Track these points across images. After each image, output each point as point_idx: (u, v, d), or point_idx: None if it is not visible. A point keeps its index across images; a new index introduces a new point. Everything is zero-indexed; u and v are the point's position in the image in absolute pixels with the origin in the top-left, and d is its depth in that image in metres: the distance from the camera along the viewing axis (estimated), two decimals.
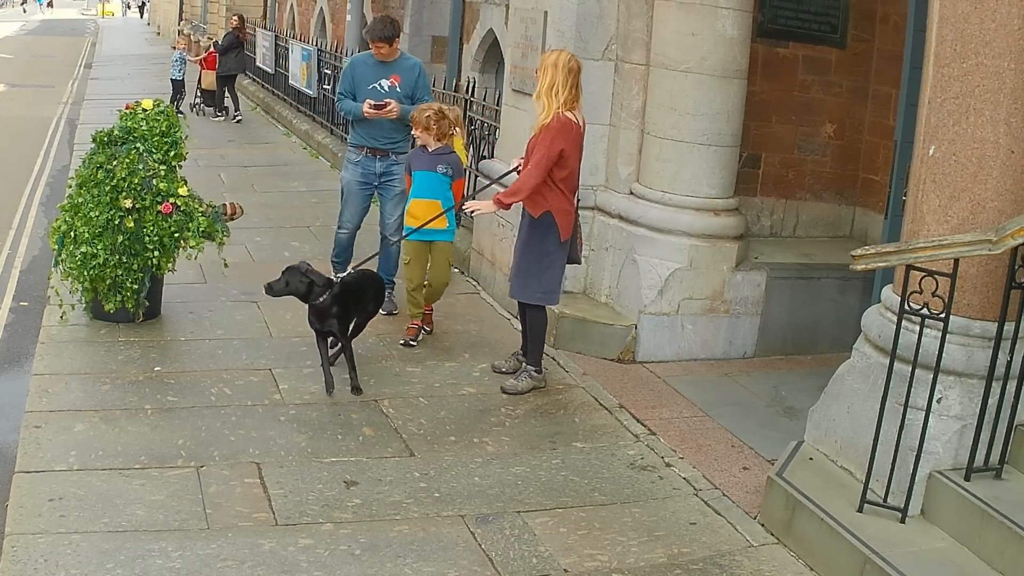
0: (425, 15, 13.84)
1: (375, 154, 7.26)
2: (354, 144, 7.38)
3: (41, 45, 37.29)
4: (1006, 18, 4.17)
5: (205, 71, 17.88)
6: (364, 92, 7.19)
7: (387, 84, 7.21)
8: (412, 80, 7.29)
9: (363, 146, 7.28)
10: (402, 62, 7.34)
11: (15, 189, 12.21)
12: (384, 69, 7.25)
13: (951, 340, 4.27)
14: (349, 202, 7.40)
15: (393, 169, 7.26)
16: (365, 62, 7.38)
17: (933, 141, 4.41)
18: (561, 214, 5.93)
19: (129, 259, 6.64)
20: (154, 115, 6.94)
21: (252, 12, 22.05)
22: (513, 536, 4.58)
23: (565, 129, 5.84)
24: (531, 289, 6.05)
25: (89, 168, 6.72)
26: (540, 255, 5.99)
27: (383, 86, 7.21)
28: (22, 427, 5.31)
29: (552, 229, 5.94)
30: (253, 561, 4.21)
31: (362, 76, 7.28)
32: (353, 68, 7.41)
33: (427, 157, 6.73)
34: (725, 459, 5.50)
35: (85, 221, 6.59)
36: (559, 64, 5.88)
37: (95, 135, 6.89)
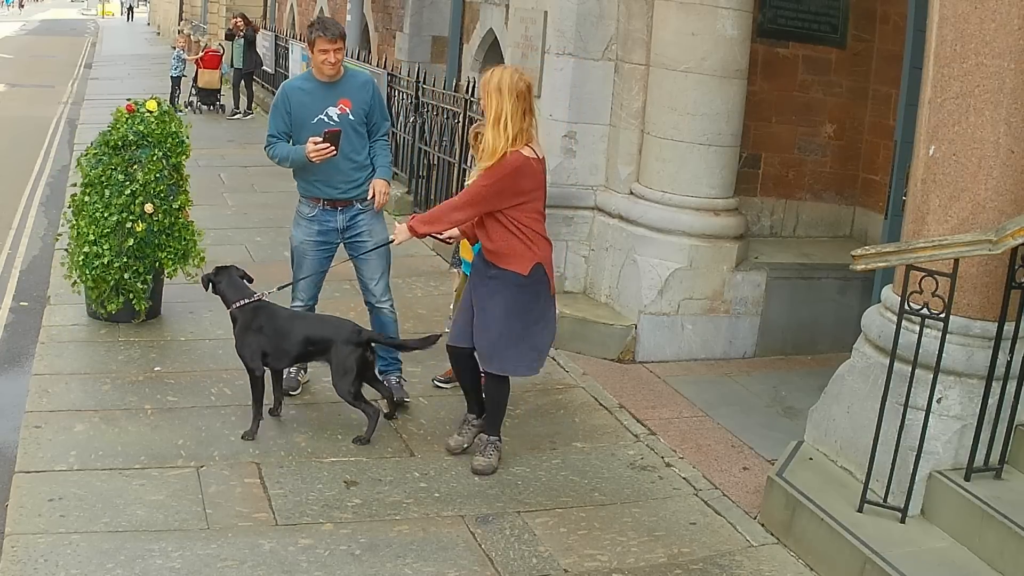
0: (425, 15, 13.84)
1: (335, 205, 5.67)
2: (306, 196, 5.75)
3: (41, 45, 37.31)
4: (1006, 18, 4.17)
5: (203, 70, 17.95)
6: (308, 129, 5.54)
7: (336, 112, 5.59)
8: (366, 101, 5.67)
9: (317, 198, 5.68)
10: (350, 80, 5.67)
11: (15, 189, 12.21)
12: (329, 93, 5.59)
13: (951, 340, 4.27)
14: (303, 267, 5.76)
15: (360, 220, 5.71)
16: (302, 88, 5.67)
17: (933, 141, 4.41)
18: (550, 265, 5.06)
19: (136, 262, 6.68)
20: (162, 116, 6.95)
21: (252, 12, 22.04)
22: (513, 536, 4.58)
23: (522, 171, 4.84)
24: (526, 359, 5.05)
25: (98, 169, 6.71)
26: (536, 317, 5.02)
27: (331, 116, 5.58)
28: (22, 427, 5.31)
29: (544, 284, 5.01)
30: (253, 561, 4.21)
31: (301, 108, 5.59)
32: (287, 100, 5.63)
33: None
34: (725, 459, 5.50)
35: (91, 221, 6.60)
36: (504, 88, 4.84)
37: (104, 137, 6.85)
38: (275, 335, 5.32)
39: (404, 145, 11.22)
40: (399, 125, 11.31)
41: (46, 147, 15.40)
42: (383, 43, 15.45)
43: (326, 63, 5.50)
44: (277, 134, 5.67)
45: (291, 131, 5.64)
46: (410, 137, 10.96)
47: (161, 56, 27.03)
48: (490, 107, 4.85)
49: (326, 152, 5.43)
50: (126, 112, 6.89)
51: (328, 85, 5.59)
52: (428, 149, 10.52)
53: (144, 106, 6.96)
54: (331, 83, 5.59)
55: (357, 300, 6.25)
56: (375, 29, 15.94)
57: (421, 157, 10.67)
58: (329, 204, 5.67)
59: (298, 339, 5.34)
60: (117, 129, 6.79)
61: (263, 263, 8.50)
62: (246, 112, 17.73)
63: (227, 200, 11.06)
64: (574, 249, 7.38)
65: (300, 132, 5.59)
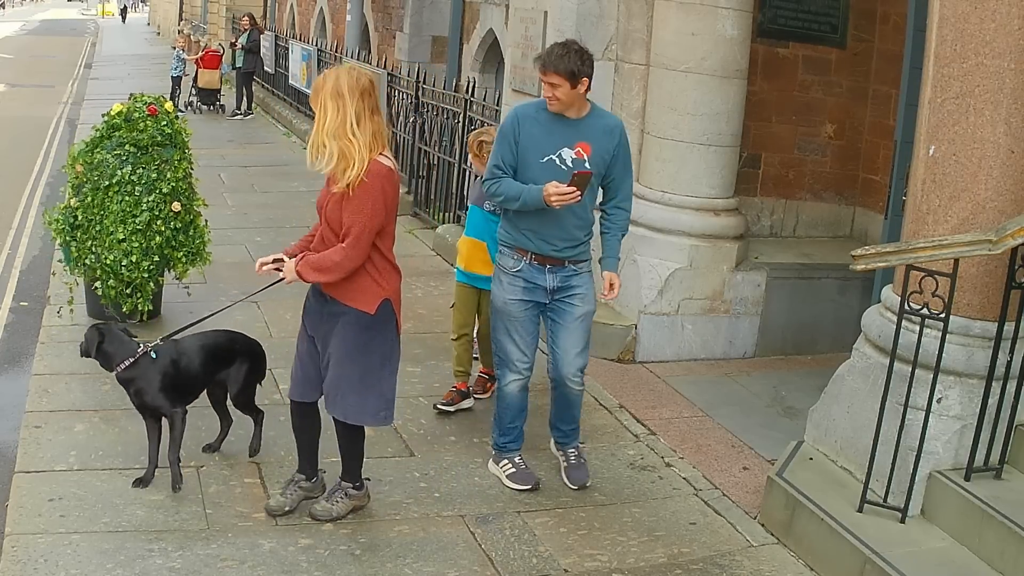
0: (425, 15, 13.85)
1: (544, 263, 4.81)
2: (510, 245, 4.88)
3: (41, 45, 37.32)
4: (1006, 18, 4.17)
5: (203, 70, 17.98)
6: (533, 169, 4.70)
7: (571, 156, 4.70)
8: (609, 150, 4.77)
9: (525, 250, 4.83)
10: (595, 121, 4.78)
11: (15, 189, 12.21)
12: (567, 131, 4.71)
13: (951, 340, 4.27)
14: (514, 330, 4.89)
15: (573, 282, 4.86)
16: (535, 119, 4.75)
17: (933, 141, 4.41)
18: (399, 299, 4.44)
19: (158, 262, 6.76)
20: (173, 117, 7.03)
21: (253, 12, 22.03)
22: (513, 536, 4.58)
23: (387, 181, 4.20)
24: (371, 406, 4.43)
25: (126, 168, 6.70)
26: (381, 360, 4.39)
27: (564, 159, 4.70)
28: (22, 427, 5.31)
29: (392, 322, 4.39)
30: (253, 561, 4.21)
31: (531, 142, 4.72)
32: (518, 126, 4.75)
33: (476, 186, 5.73)
34: (725, 459, 5.50)
35: (119, 219, 6.62)
36: (344, 90, 4.11)
37: (131, 138, 6.80)
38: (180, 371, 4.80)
39: (404, 145, 11.22)
40: (399, 125, 11.32)
41: (46, 147, 15.41)
42: (383, 43, 15.46)
43: (549, 99, 4.69)
44: (503, 166, 4.76)
45: (515, 164, 4.75)
46: (410, 137, 10.96)
47: (161, 56, 27.04)
48: (331, 114, 4.07)
49: (571, 198, 4.56)
50: (148, 114, 6.89)
51: (567, 121, 4.70)
52: (428, 149, 10.53)
53: (164, 107, 7.01)
54: (571, 119, 4.71)
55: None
56: (375, 29, 15.95)
57: (421, 157, 10.68)
58: (538, 260, 4.81)
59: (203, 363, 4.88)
60: (144, 130, 6.80)
61: None
62: (246, 112, 17.75)
63: (227, 200, 11.07)
64: None
65: (524, 171, 4.72)
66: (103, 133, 6.92)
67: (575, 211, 4.72)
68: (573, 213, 4.72)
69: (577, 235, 4.81)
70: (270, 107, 18.23)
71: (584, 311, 4.88)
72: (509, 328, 4.89)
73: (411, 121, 10.91)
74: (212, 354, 4.91)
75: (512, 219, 4.84)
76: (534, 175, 4.68)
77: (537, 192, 4.60)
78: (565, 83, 4.57)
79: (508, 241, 4.88)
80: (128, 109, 6.91)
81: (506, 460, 5.08)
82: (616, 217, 4.94)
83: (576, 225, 4.79)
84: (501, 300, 4.89)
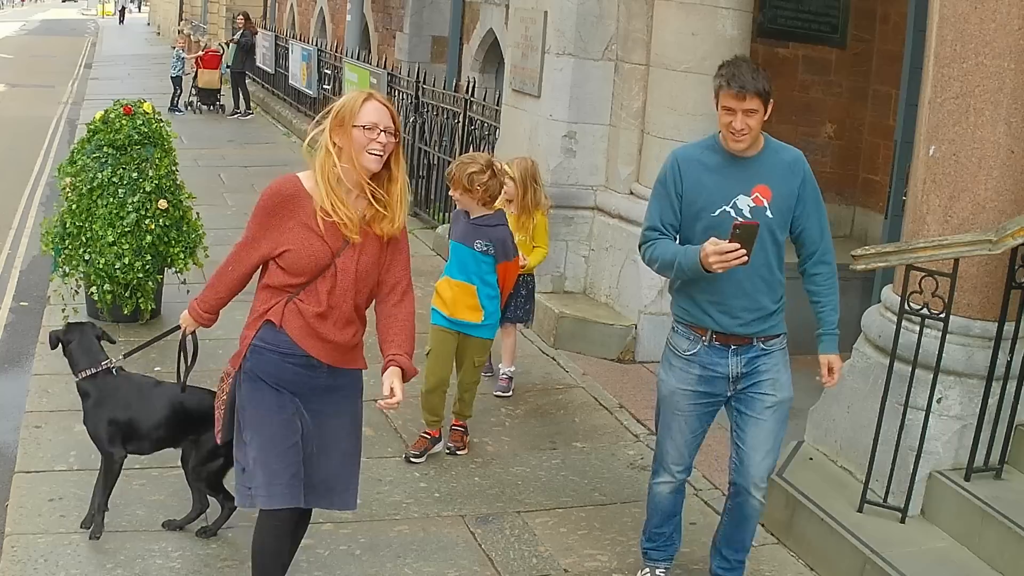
0: (425, 15, 13.86)
1: (727, 342, 3.87)
2: (685, 323, 3.95)
3: (41, 45, 37.31)
4: (1006, 18, 4.17)
5: (202, 70, 17.98)
6: (704, 223, 3.78)
7: (748, 204, 3.77)
8: (793, 191, 3.81)
9: (703, 327, 3.88)
10: (771, 157, 3.83)
11: (15, 189, 12.21)
12: (742, 173, 3.78)
13: (951, 340, 4.27)
14: (677, 426, 4.01)
15: (763, 366, 3.93)
16: (702, 161, 3.83)
17: (933, 141, 4.41)
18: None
19: (151, 261, 6.73)
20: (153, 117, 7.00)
21: (252, 12, 22.07)
22: (513, 536, 4.58)
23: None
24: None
25: (106, 171, 6.70)
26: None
27: (741, 209, 3.77)
28: (22, 427, 5.31)
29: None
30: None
31: (699, 191, 3.80)
32: (677, 175, 3.85)
33: (465, 226, 5.16)
34: (725, 459, 5.44)
35: (107, 223, 6.61)
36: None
37: (108, 139, 6.83)
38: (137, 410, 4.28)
39: (404, 145, 11.19)
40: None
41: (46, 147, 15.41)
42: (383, 43, 15.46)
43: (731, 129, 3.69)
44: (663, 227, 3.86)
45: (678, 220, 3.86)
46: (410, 137, 10.96)
47: (161, 56, 27.02)
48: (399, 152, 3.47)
49: (735, 259, 3.56)
50: (123, 114, 6.90)
51: (741, 161, 3.77)
52: (428, 149, 10.53)
53: (142, 107, 7.00)
54: (746, 158, 3.78)
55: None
56: (375, 29, 15.95)
57: (421, 157, 10.68)
58: (720, 340, 3.85)
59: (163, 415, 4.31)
60: (120, 130, 6.79)
61: None
62: (245, 112, 17.75)
63: (227, 200, 11.07)
64: (574, 249, 7.38)
65: (692, 226, 3.81)
66: (84, 139, 6.96)
67: (759, 272, 3.76)
68: (758, 275, 3.76)
69: (766, 304, 3.84)
70: (270, 107, 18.24)
71: (777, 400, 3.93)
72: (671, 422, 4.01)
73: (411, 121, 10.91)
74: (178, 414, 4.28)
75: (683, 286, 3.87)
76: (705, 233, 3.70)
77: (693, 254, 3.64)
78: (762, 108, 3.64)
79: (683, 317, 3.92)
80: (106, 112, 6.96)
81: (647, 570, 4.27)
82: (821, 278, 3.98)
83: (763, 290, 3.82)
84: (668, 388, 3.99)
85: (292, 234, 3.41)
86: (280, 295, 3.47)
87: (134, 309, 6.79)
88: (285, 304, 3.45)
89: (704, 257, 3.58)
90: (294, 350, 3.45)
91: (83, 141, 6.98)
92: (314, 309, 3.44)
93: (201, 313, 3.78)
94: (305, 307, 3.44)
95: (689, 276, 3.72)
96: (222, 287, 3.67)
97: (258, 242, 3.48)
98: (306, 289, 3.44)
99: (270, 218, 3.44)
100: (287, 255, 3.41)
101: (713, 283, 3.74)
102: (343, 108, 3.39)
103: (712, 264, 3.56)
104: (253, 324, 3.53)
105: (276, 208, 3.43)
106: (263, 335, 3.48)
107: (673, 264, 3.74)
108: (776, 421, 3.94)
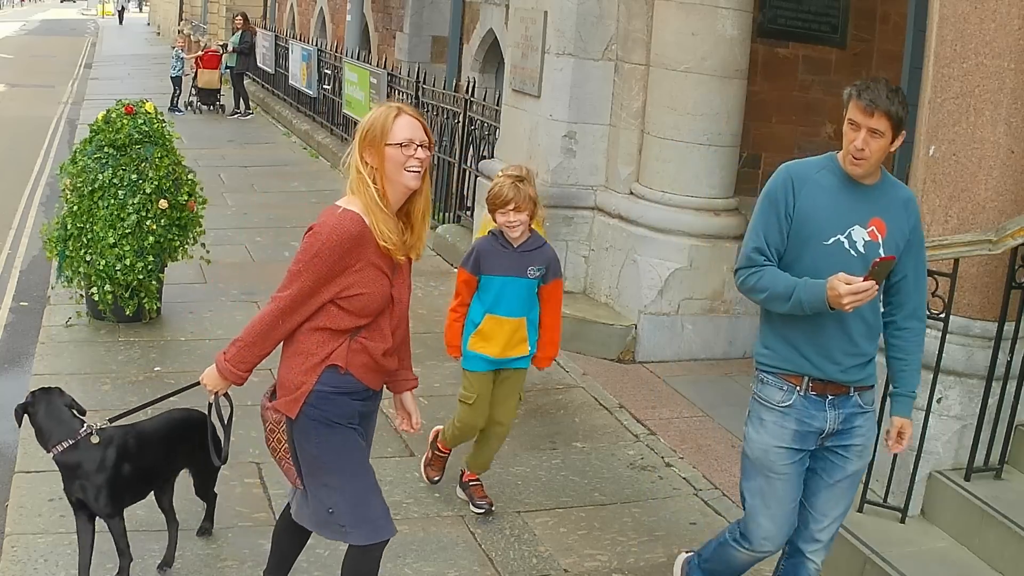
0: (425, 15, 13.85)
1: (824, 391, 3.44)
2: (774, 368, 3.51)
3: (41, 45, 37.31)
4: (1006, 18, 4.17)
5: (202, 70, 17.99)
6: (815, 254, 3.36)
7: (863, 237, 3.37)
8: (905, 230, 3.42)
9: (800, 374, 3.45)
10: (887, 190, 3.44)
11: (15, 189, 12.21)
12: (862, 201, 3.38)
13: (951, 340, 4.27)
14: (771, 493, 3.52)
15: (857, 424, 3.49)
16: (820, 183, 3.40)
17: (933, 141, 4.41)
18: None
19: (155, 261, 6.74)
20: (155, 117, 7.00)
21: (252, 12, 22.08)
22: (513, 536, 4.58)
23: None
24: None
25: (107, 172, 6.70)
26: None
27: (855, 242, 3.37)
28: (22, 427, 5.30)
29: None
30: (253, 561, 4.21)
31: (815, 215, 3.37)
32: (792, 192, 3.39)
33: (510, 255, 4.56)
34: (725, 459, 5.50)
35: (108, 225, 6.60)
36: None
37: (108, 139, 6.82)
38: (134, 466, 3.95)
39: None
40: None
41: (46, 147, 15.41)
42: (383, 43, 15.46)
43: (853, 151, 3.30)
44: (768, 251, 3.42)
45: (782, 245, 3.41)
46: None
47: (161, 56, 27.02)
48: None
49: (868, 298, 3.22)
50: (124, 113, 6.90)
51: (860, 189, 3.37)
52: None
53: (143, 107, 7.00)
54: (865, 186, 3.38)
55: None
56: (375, 29, 15.95)
57: None
58: (816, 389, 3.43)
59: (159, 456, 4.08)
60: (120, 130, 6.79)
61: (263, 263, 8.51)
62: (245, 112, 17.76)
63: (227, 200, 11.07)
64: (574, 249, 7.38)
65: (800, 254, 3.39)
66: (86, 139, 6.97)
67: (863, 314, 3.38)
68: (861, 318, 3.38)
69: (866, 348, 3.45)
70: (270, 107, 18.24)
71: (860, 467, 3.57)
72: (767, 489, 3.50)
73: None
74: (171, 441, 4.12)
75: (777, 327, 3.47)
76: (813, 263, 3.34)
77: (817, 290, 3.24)
78: (889, 133, 3.27)
79: (775, 364, 3.48)
80: (108, 112, 6.96)
81: None
82: (910, 334, 3.52)
83: (865, 334, 3.43)
84: (762, 447, 3.50)
85: (362, 275, 3.19)
86: (340, 336, 3.25)
87: (136, 309, 6.79)
88: (348, 345, 3.26)
89: (834, 296, 3.18)
90: (358, 387, 3.33)
91: (85, 142, 6.98)
92: (381, 347, 3.32)
93: (239, 374, 3.35)
94: (371, 344, 3.28)
95: (805, 311, 3.30)
96: (268, 345, 3.31)
97: (319, 291, 3.18)
98: (369, 327, 3.27)
99: (337, 263, 3.15)
100: (358, 298, 3.20)
101: (814, 324, 3.36)
102: (372, 127, 3.21)
103: (845, 304, 3.18)
104: (312, 370, 3.25)
105: (345, 252, 3.15)
106: (327, 380, 3.27)
107: (789, 298, 3.31)
108: (853, 490, 3.61)
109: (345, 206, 3.21)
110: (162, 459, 4.08)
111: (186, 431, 4.11)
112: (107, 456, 3.84)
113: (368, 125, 3.23)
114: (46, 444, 3.84)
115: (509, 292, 4.57)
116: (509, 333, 4.59)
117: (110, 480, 3.83)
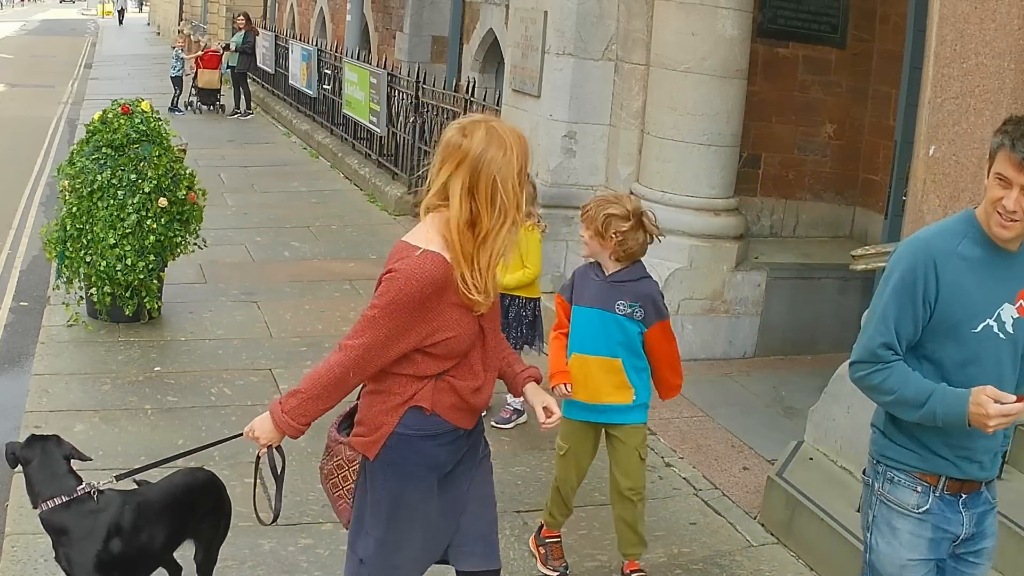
0: (425, 15, 13.85)
1: (960, 491, 2.98)
2: (905, 466, 2.97)
3: (41, 45, 37.30)
4: (1006, 18, 4.17)
5: (202, 70, 17.99)
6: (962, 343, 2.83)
7: (1013, 314, 2.84)
8: None
9: (936, 474, 2.94)
10: None
11: (15, 189, 12.21)
12: (1005, 275, 2.84)
13: None
14: None
15: (988, 523, 3.11)
16: (962, 258, 2.84)
17: (933, 141, 4.41)
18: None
19: (156, 260, 6.74)
20: (150, 116, 7.00)
21: (252, 12, 22.08)
22: (513, 536, 4.58)
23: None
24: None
25: (106, 172, 6.70)
26: None
27: (1005, 323, 2.84)
28: (22, 427, 5.30)
29: None
30: (253, 561, 4.21)
31: (959, 297, 2.81)
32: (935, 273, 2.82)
33: (599, 285, 4.06)
34: (725, 459, 5.50)
35: (108, 225, 6.60)
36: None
37: (106, 139, 6.82)
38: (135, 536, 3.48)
39: (404, 145, 11.22)
40: (399, 125, 11.32)
41: (46, 147, 15.41)
42: (383, 43, 15.46)
43: (1000, 208, 2.76)
44: (898, 345, 2.86)
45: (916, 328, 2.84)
46: (410, 137, 10.97)
47: (161, 56, 27.01)
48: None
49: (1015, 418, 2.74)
50: (121, 113, 6.90)
51: (1005, 255, 2.84)
52: (428, 149, 10.52)
53: (139, 106, 7.01)
54: (1009, 253, 2.84)
55: (359, 302, 6.22)
56: (375, 29, 15.95)
57: (421, 157, 10.67)
58: (951, 489, 2.95)
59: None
60: (118, 130, 6.79)
61: (263, 263, 8.50)
62: (245, 112, 17.76)
63: (227, 200, 11.07)
64: (574, 249, 7.38)
65: (942, 345, 2.85)
66: (83, 140, 6.97)
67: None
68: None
69: (1002, 440, 3.01)
70: (270, 107, 18.24)
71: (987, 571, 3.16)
72: None
73: (411, 121, 10.91)
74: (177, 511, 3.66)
75: (903, 421, 2.92)
76: (959, 355, 2.82)
77: (959, 405, 2.73)
78: None
79: (907, 461, 2.95)
80: (105, 112, 6.96)
81: None
82: None
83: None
84: (897, 562, 2.96)
85: (446, 317, 2.88)
86: (425, 379, 2.96)
87: (136, 309, 6.78)
88: (435, 384, 2.96)
89: (979, 415, 2.68)
90: (445, 427, 2.99)
91: (82, 142, 6.98)
92: (471, 385, 2.99)
93: (298, 427, 2.98)
94: (460, 383, 2.97)
95: (938, 425, 2.80)
96: (334, 399, 2.95)
97: (398, 340, 2.86)
98: (458, 366, 2.97)
99: (421, 310, 2.83)
100: (447, 343, 2.90)
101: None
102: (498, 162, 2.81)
103: (991, 426, 2.69)
104: (394, 411, 2.96)
105: (429, 297, 2.83)
106: (409, 422, 2.96)
107: (922, 406, 2.77)
108: None
109: (425, 246, 2.85)
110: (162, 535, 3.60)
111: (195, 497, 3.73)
112: (97, 526, 3.35)
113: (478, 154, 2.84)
114: (35, 499, 3.43)
115: (595, 327, 4.04)
116: (598, 375, 4.03)
117: (97, 555, 3.34)
